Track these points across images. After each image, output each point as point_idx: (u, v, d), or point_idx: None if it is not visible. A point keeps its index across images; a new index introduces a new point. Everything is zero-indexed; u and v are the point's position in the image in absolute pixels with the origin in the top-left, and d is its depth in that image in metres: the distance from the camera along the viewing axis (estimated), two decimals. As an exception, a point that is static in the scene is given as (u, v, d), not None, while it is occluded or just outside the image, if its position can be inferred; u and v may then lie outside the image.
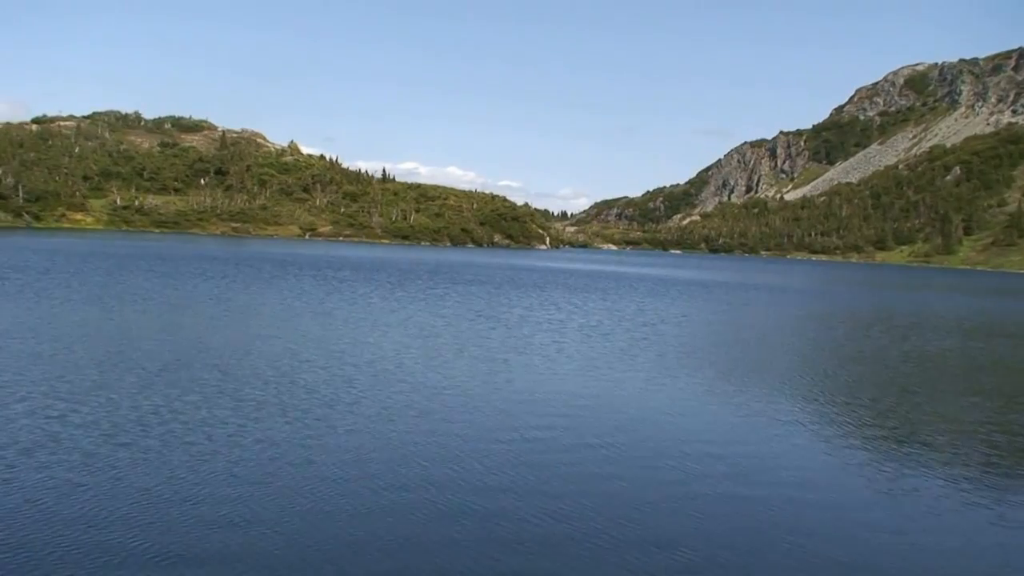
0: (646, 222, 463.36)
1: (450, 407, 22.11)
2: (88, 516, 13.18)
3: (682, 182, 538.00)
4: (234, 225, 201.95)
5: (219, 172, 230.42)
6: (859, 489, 17.21)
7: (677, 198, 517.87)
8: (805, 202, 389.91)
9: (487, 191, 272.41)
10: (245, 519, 13.47)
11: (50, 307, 38.48)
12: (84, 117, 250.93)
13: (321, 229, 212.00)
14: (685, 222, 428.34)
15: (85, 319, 35.41)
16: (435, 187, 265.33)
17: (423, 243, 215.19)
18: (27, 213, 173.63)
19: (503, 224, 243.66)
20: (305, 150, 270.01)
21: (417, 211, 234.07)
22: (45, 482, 14.54)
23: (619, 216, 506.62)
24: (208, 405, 20.64)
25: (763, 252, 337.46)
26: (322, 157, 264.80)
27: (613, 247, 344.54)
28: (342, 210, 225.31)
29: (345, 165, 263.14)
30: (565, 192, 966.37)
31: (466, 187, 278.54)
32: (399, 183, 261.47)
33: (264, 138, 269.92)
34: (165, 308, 41.38)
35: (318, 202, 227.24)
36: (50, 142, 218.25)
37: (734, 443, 20.17)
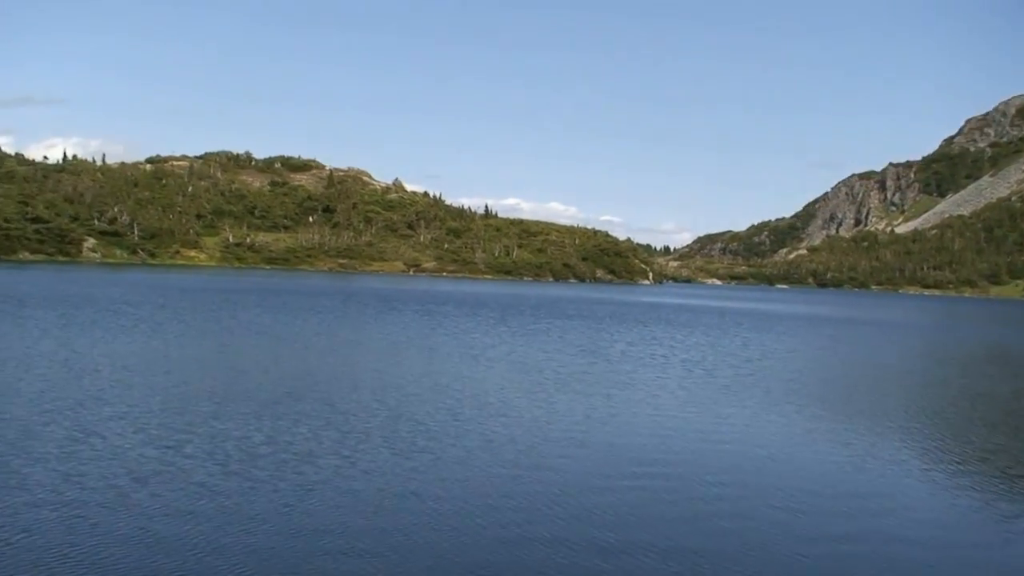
0: (751, 256, 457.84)
1: (552, 442, 22.00)
2: (199, 543, 13.45)
3: (788, 215, 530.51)
4: (341, 261, 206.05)
5: (327, 210, 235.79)
6: (969, 529, 16.58)
7: (783, 232, 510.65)
8: (916, 235, 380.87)
9: (589, 226, 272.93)
10: (351, 550, 13.57)
11: (164, 341, 39.63)
12: (197, 157, 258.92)
13: (425, 265, 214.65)
14: (791, 256, 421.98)
15: (198, 353, 36.39)
16: (537, 223, 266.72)
17: (525, 278, 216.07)
18: (142, 250, 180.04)
19: (605, 259, 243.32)
20: (409, 187, 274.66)
21: (519, 247, 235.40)
22: (158, 509, 14.90)
23: (723, 250, 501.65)
24: (316, 437, 20.94)
25: (873, 286, 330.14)
26: (426, 194, 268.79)
27: (717, 282, 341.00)
28: (445, 246, 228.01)
29: (448, 202, 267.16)
30: (667, 227, 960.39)
31: (568, 222, 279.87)
32: (501, 219, 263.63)
33: (370, 176, 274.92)
34: (275, 342, 42.28)
35: (422, 238, 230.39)
36: (164, 181, 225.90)
37: (841, 482, 19.61)
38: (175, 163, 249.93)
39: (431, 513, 15.60)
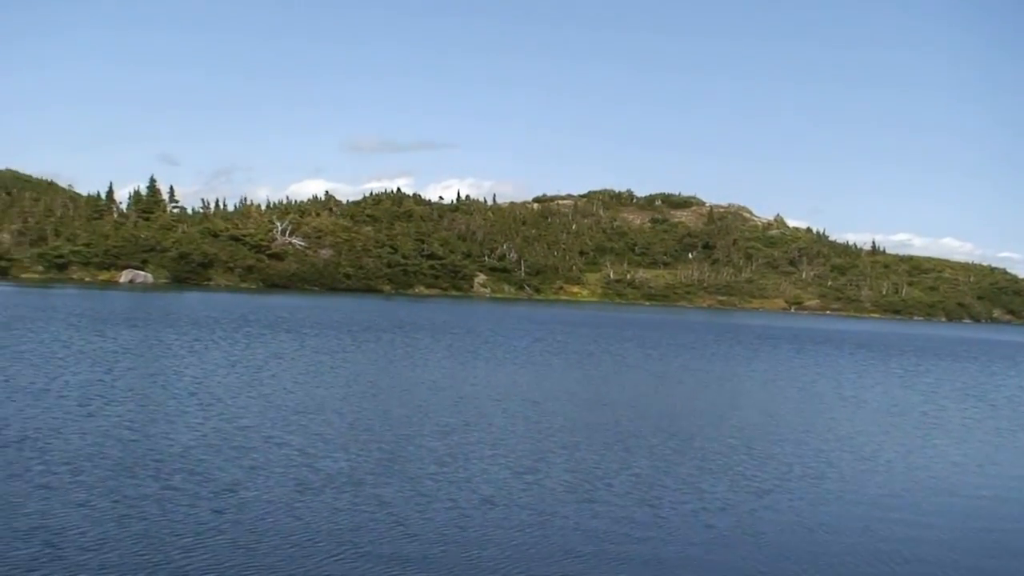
0: None
1: (919, 489, 19.94)
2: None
3: None
4: (720, 298, 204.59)
5: (706, 246, 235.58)
6: None
7: None
8: None
9: (985, 263, 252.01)
10: None
11: (535, 370, 40.84)
12: (581, 196, 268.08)
13: (807, 303, 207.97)
14: None
15: (564, 383, 36.99)
16: (929, 259, 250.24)
17: (915, 317, 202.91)
18: (528, 285, 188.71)
19: (1003, 298, 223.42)
20: (791, 223, 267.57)
21: (909, 284, 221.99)
22: (494, 535, 14.99)
23: None
24: (668, 470, 20.38)
25: None
26: (808, 230, 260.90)
27: None
28: (829, 283, 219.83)
29: (832, 237, 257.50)
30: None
31: (962, 259, 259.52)
32: (890, 255, 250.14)
33: (750, 212, 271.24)
34: (646, 377, 42.29)
35: (804, 275, 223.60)
36: (550, 220, 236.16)
37: None
38: (560, 202, 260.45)
39: (774, 557, 14.50)
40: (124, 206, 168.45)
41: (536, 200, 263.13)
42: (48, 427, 21.11)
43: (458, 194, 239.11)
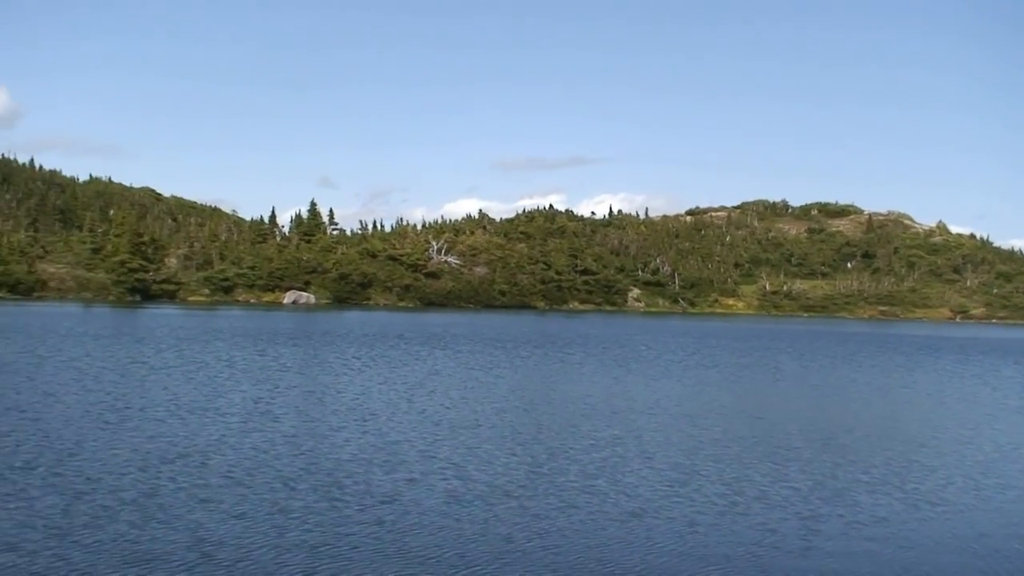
0: None
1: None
2: None
3: None
4: (881, 308, 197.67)
5: (866, 255, 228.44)
6: None
7: None
8: None
9: None
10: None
11: (689, 384, 40.15)
12: (734, 207, 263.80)
13: (973, 311, 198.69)
14: None
15: (718, 397, 36.15)
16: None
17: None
18: (682, 299, 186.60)
19: None
20: (954, 229, 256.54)
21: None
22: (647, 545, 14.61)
23: None
24: (825, 483, 19.60)
25: None
26: (972, 236, 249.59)
27: None
28: (994, 291, 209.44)
29: (997, 244, 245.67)
30: None
31: None
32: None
33: (911, 219, 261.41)
34: (803, 388, 41.08)
35: (968, 283, 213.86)
36: (703, 232, 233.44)
37: None
38: (713, 214, 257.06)
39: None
40: (286, 229, 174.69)
41: (689, 213, 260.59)
42: (212, 441, 21.81)
43: (610, 209, 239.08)
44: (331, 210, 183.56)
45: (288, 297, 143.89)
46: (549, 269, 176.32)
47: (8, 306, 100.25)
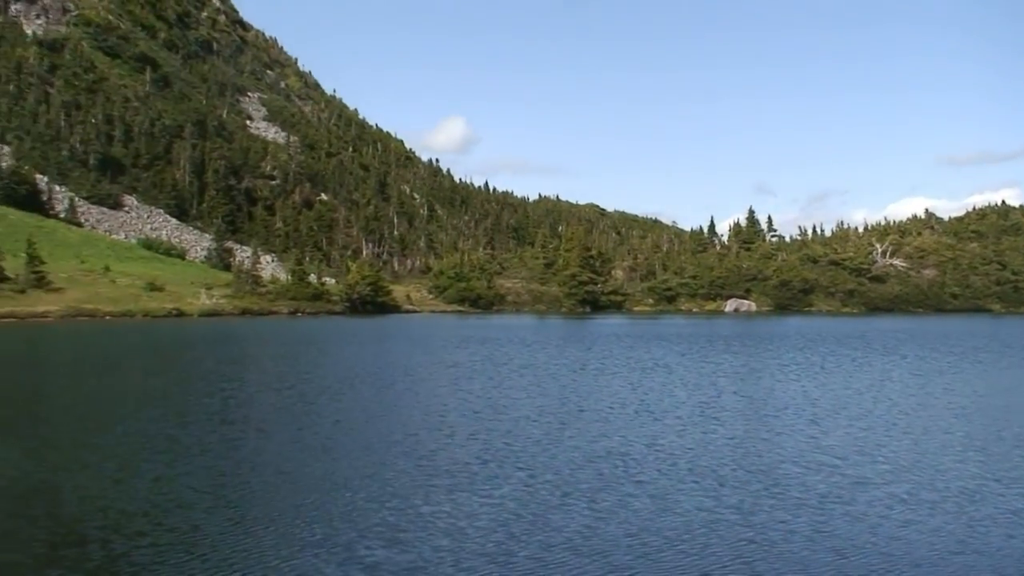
0: None
1: None
2: None
3: None
4: None
5: None
6: None
7: None
8: None
9: None
10: None
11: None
12: None
13: None
14: None
15: None
16: None
17: None
18: None
19: None
20: None
21: None
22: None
23: None
24: None
25: None
26: None
27: None
28: None
29: None
30: None
31: None
32: None
33: None
34: None
35: None
36: None
37: None
38: None
39: None
40: (724, 238, 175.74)
41: None
42: (648, 442, 22.56)
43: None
44: (769, 217, 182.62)
45: (729, 305, 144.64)
46: (1004, 269, 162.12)
47: (471, 319, 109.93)
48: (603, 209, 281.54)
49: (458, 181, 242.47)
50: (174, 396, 31.24)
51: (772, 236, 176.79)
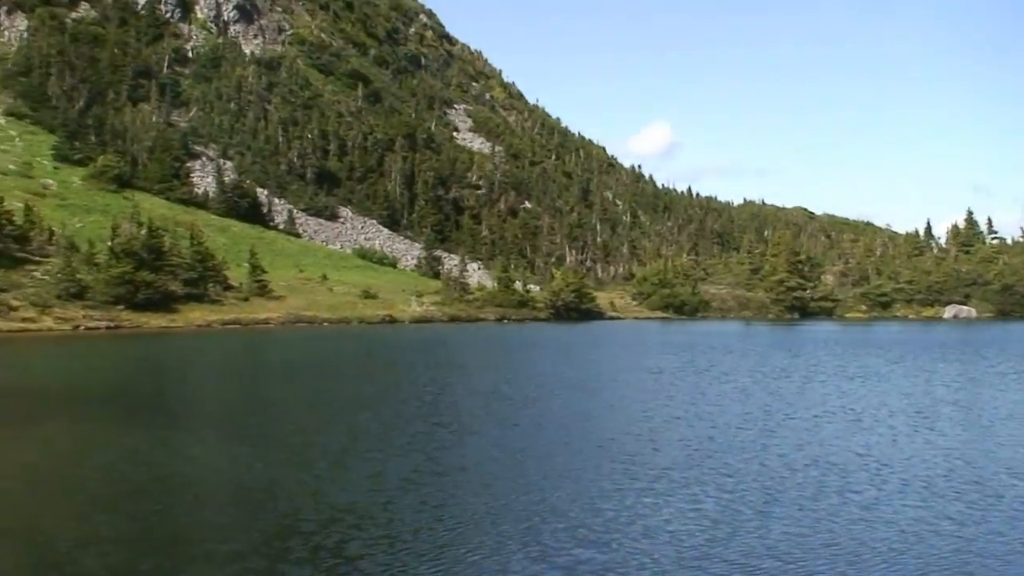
0: None
1: None
2: None
3: None
4: None
5: None
6: None
7: None
8: None
9: None
10: None
11: None
12: None
13: None
14: None
15: None
16: None
17: None
18: None
19: None
20: None
21: None
22: None
23: None
24: None
25: None
26: None
27: None
28: None
29: None
30: None
31: None
32: None
33: None
34: None
35: None
36: None
37: None
38: None
39: None
40: (942, 241, 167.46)
41: None
42: (858, 452, 21.86)
43: None
44: (988, 218, 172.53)
45: (948, 311, 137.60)
46: None
47: (674, 325, 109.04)
48: (811, 212, 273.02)
49: (660, 187, 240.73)
50: (388, 399, 32.52)
51: (993, 238, 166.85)
